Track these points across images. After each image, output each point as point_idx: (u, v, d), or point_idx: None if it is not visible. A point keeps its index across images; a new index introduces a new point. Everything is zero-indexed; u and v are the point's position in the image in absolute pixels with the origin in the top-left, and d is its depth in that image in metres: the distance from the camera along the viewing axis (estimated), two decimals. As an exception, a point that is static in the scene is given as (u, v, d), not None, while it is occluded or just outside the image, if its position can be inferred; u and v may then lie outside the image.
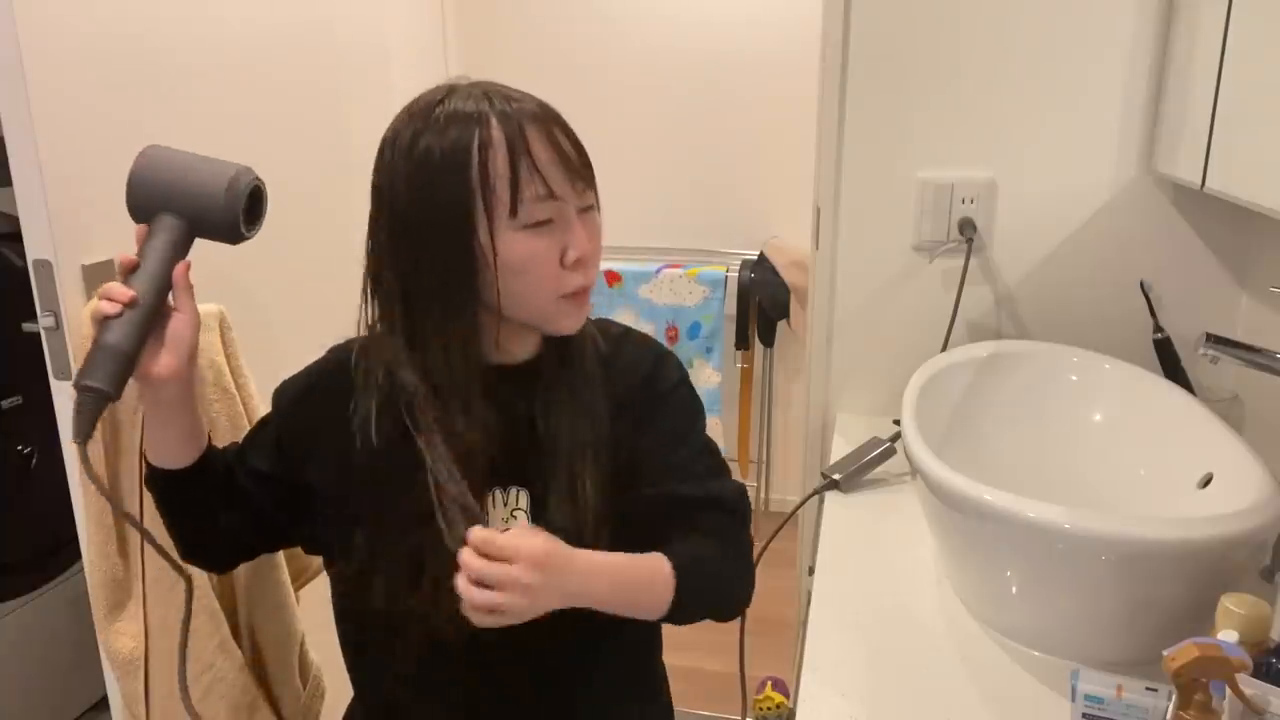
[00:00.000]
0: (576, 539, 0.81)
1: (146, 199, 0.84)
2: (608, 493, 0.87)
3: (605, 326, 0.96)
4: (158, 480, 0.91)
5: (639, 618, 0.84)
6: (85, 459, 0.80)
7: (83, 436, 0.79)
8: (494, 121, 0.79)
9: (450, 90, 0.82)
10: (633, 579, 0.83)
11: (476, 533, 0.73)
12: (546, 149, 0.80)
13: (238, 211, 0.84)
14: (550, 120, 0.82)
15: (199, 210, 0.84)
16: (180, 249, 0.84)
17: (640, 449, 0.90)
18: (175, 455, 0.89)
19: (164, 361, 0.83)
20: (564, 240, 0.82)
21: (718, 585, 0.89)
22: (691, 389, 0.96)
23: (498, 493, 0.88)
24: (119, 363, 0.80)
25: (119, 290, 0.80)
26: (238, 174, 0.85)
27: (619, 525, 0.87)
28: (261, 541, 1.02)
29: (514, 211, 0.79)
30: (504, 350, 0.88)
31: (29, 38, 1.08)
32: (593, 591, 0.80)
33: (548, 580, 0.74)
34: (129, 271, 0.82)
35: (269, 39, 1.50)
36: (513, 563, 0.72)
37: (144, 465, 0.92)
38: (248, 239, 0.87)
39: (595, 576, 0.80)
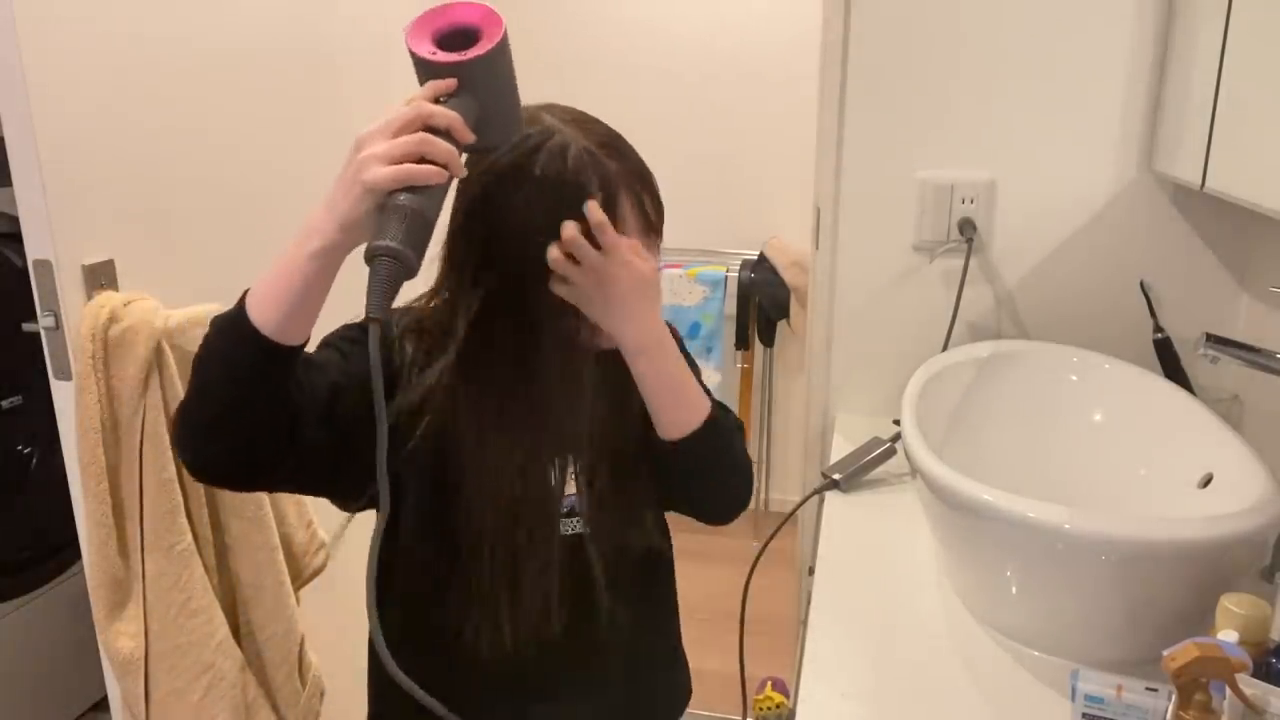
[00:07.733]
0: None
1: (485, 75, 0.75)
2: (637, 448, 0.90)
3: None
4: (268, 351, 0.75)
5: (666, 421, 0.86)
6: (377, 336, 0.71)
7: (383, 308, 0.69)
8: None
9: (537, 148, 0.81)
10: (684, 379, 0.87)
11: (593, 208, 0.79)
12: (635, 215, 0.86)
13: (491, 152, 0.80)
14: (640, 184, 0.87)
15: (488, 132, 0.77)
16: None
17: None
18: (303, 329, 0.77)
19: None
20: None
21: (733, 453, 0.91)
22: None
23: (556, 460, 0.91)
24: (426, 231, 0.70)
25: (467, 134, 0.74)
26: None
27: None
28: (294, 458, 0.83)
29: None
30: None
31: (29, 38, 1.08)
32: (662, 341, 0.85)
33: (630, 288, 0.82)
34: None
35: (269, 39, 1.50)
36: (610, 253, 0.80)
37: (245, 332, 0.75)
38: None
39: (668, 343, 0.85)
